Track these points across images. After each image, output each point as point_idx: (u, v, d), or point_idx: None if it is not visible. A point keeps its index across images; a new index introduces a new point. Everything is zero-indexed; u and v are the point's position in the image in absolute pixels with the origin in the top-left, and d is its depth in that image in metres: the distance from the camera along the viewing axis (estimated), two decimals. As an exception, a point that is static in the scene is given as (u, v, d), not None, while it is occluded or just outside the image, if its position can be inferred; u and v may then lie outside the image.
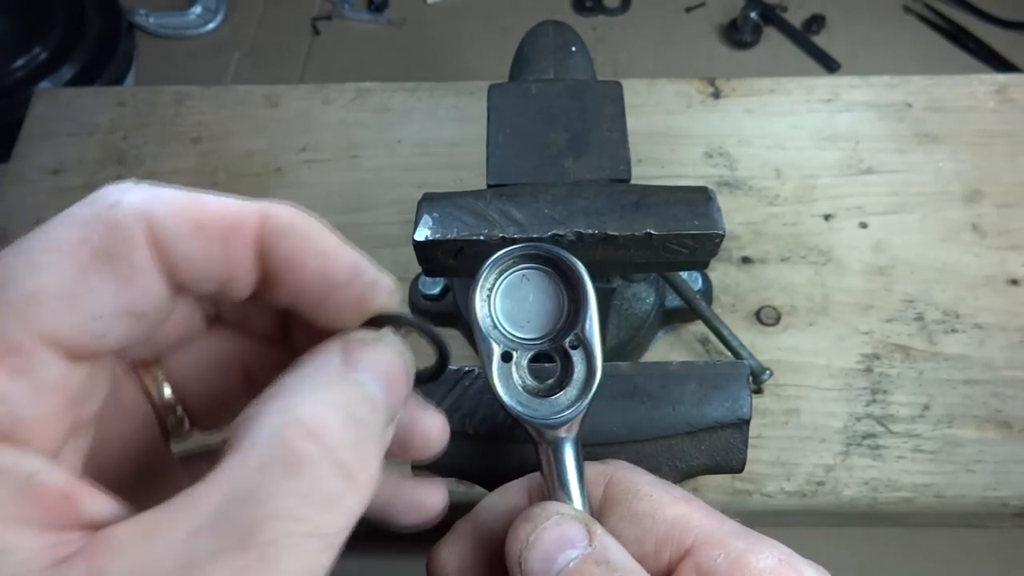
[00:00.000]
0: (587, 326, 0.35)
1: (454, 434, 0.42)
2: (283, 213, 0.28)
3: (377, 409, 0.27)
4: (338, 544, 0.25)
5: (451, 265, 0.47)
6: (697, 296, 0.72)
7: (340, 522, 0.24)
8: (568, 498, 0.34)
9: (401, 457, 0.32)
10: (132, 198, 0.26)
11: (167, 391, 0.33)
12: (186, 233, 0.26)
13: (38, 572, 0.21)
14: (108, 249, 0.25)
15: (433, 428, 0.33)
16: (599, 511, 0.35)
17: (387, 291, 0.30)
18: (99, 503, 0.24)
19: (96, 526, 0.23)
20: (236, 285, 0.28)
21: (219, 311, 0.33)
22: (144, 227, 0.25)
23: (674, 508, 0.34)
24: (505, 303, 0.36)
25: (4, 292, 0.24)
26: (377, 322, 0.29)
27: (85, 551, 0.22)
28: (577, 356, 0.35)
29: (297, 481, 0.23)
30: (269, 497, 0.23)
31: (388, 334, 0.29)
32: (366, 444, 0.26)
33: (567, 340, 0.35)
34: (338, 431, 0.25)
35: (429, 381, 0.32)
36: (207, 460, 0.25)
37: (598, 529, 0.33)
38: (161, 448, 0.34)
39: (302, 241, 0.28)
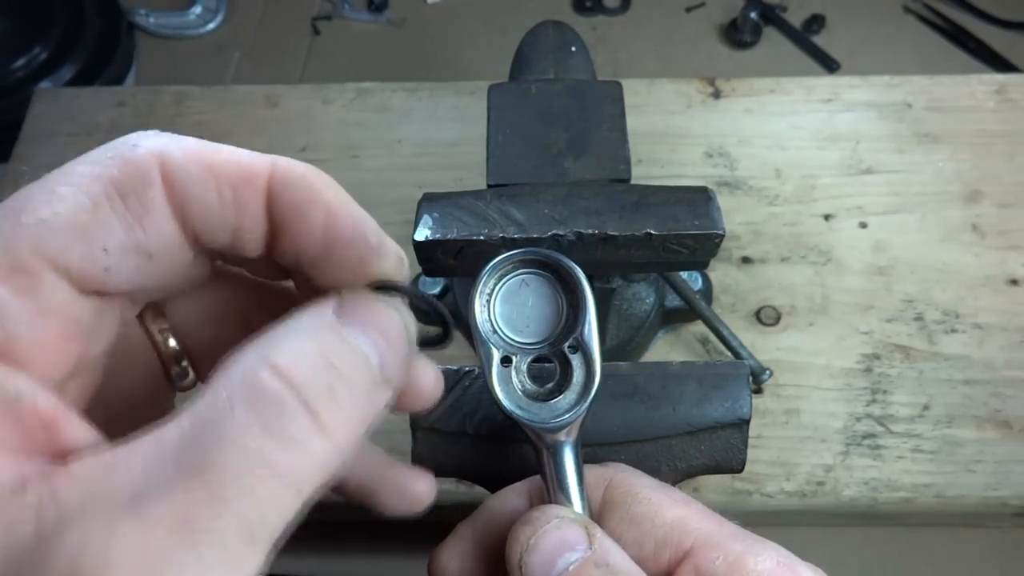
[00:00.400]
0: (586, 330, 0.35)
1: (454, 434, 0.42)
2: (294, 166, 0.28)
3: (365, 366, 0.26)
4: (303, 494, 0.23)
5: (451, 265, 0.47)
6: (697, 296, 0.72)
7: (304, 467, 0.23)
8: (568, 501, 0.34)
9: (396, 407, 0.31)
10: (150, 142, 0.27)
11: (172, 342, 0.33)
12: (199, 176, 0.26)
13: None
14: (123, 185, 0.25)
15: (425, 378, 0.32)
16: (599, 514, 0.35)
17: (393, 257, 0.29)
18: (82, 435, 0.24)
19: (71, 454, 0.23)
20: (247, 238, 0.28)
21: (227, 265, 0.33)
22: (159, 168, 0.26)
23: (673, 511, 0.34)
24: (504, 308, 0.36)
25: (19, 216, 0.25)
26: (378, 289, 0.29)
27: (45, 477, 0.22)
28: (576, 360, 0.35)
29: (259, 416, 0.23)
30: (229, 431, 0.22)
31: (389, 296, 0.28)
32: (345, 396, 0.25)
33: (566, 344, 0.35)
34: (312, 375, 0.24)
35: (433, 347, 0.32)
36: None
37: (598, 532, 0.33)
38: (165, 399, 0.34)
39: (309, 194, 0.28)
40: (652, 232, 0.46)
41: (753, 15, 1.32)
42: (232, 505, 0.21)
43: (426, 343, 0.31)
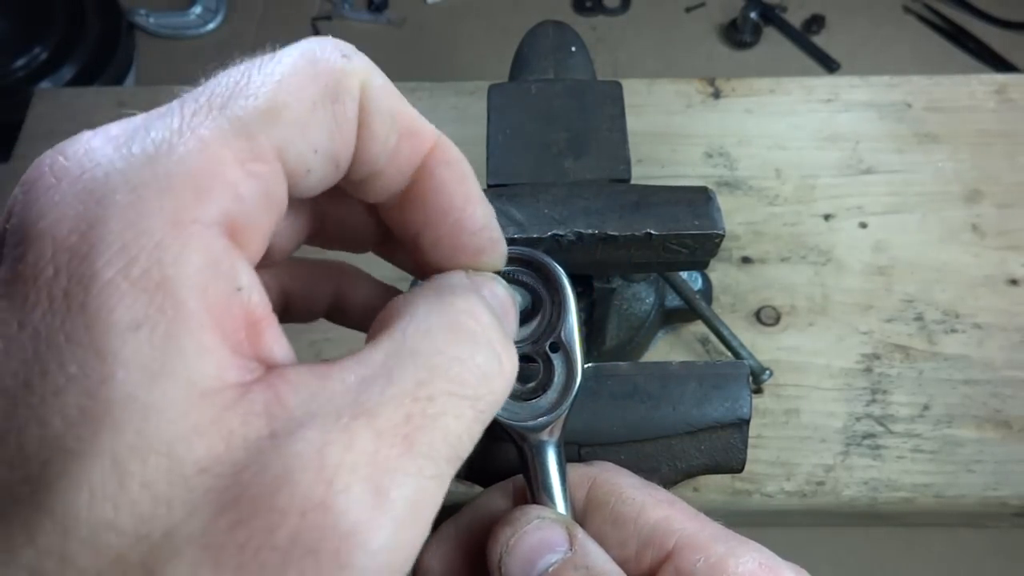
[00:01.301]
0: (567, 330, 0.35)
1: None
2: (453, 147, 0.29)
3: (503, 328, 0.28)
4: (484, 423, 0.26)
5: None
6: (697, 296, 0.72)
7: (491, 399, 0.26)
8: (550, 501, 0.34)
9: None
10: (359, 60, 0.27)
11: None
12: (385, 113, 0.27)
13: (223, 391, 0.21)
14: (335, 92, 0.26)
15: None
16: (582, 514, 0.35)
17: (501, 254, 0.31)
18: (281, 342, 0.24)
19: (271, 364, 0.23)
20: (388, 184, 0.29)
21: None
22: (360, 89, 0.26)
23: (657, 511, 0.34)
24: None
25: (248, 100, 0.24)
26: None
27: (265, 381, 0.22)
28: (557, 360, 0.35)
29: (462, 347, 0.25)
30: (437, 356, 0.24)
31: (500, 278, 0.32)
32: (509, 344, 0.28)
33: (547, 344, 0.35)
34: (490, 319, 0.27)
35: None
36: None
37: (579, 533, 0.33)
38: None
39: (460, 178, 0.29)
40: (652, 232, 0.46)
41: (753, 15, 1.32)
42: (441, 424, 0.24)
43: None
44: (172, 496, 0.20)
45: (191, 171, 0.22)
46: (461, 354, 0.25)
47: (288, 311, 0.35)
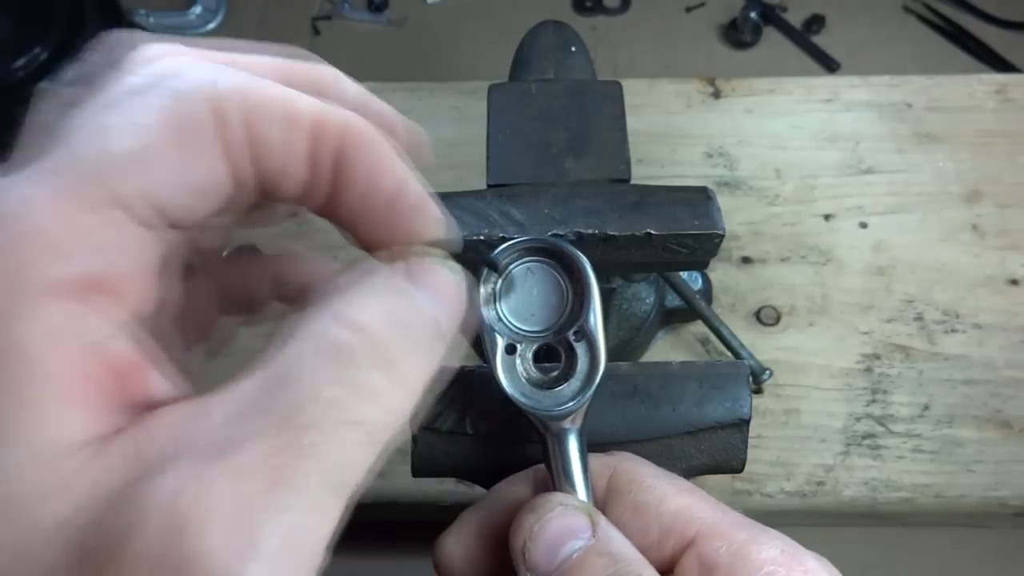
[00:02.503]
0: (591, 319, 0.35)
1: (453, 434, 0.42)
2: (339, 116, 0.27)
3: (432, 325, 0.27)
4: (380, 444, 0.24)
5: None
6: (697, 296, 0.72)
7: (382, 417, 0.24)
8: (572, 489, 0.34)
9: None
10: (196, 74, 0.25)
11: None
12: (254, 118, 0.25)
13: (82, 448, 0.21)
14: (176, 121, 0.24)
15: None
16: (603, 502, 0.35)
17: (439, 228, 0.30)
18: (161, 383, 0.24)
19: (149, 405, 0.23)
20: (288, 185, 0.27)
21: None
22: (209, 105, 0.25)
23: (678, 499, 0.34)
24: (510, 296, 0.36)
25: (108, 143, 0.23)
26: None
27: (132, 428, 0.22)
28: (581, 348, 0.35)
29: (339, 368, 0.23)
30: (310, 382, 0.23)
31: (449, 258, 0.30)
32: (415, 349, 0.26)
33: (570, 332, 0.35)
34: (385, 330, 0.25)
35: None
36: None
37: (601, 520, 0.33)
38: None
39: (374, 158, 0.28)
40: (652, 232, 0.46)
41: (753, 15, 1.32)
42: (315, 454, 0.22)
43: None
44: (31, 552, 0.20)
45: (28, 234, 0.21)
46: (337, 375, 0.23)
47: (233, 309, 0.34)
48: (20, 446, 0.20)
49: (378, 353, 0.24)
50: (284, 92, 0.26)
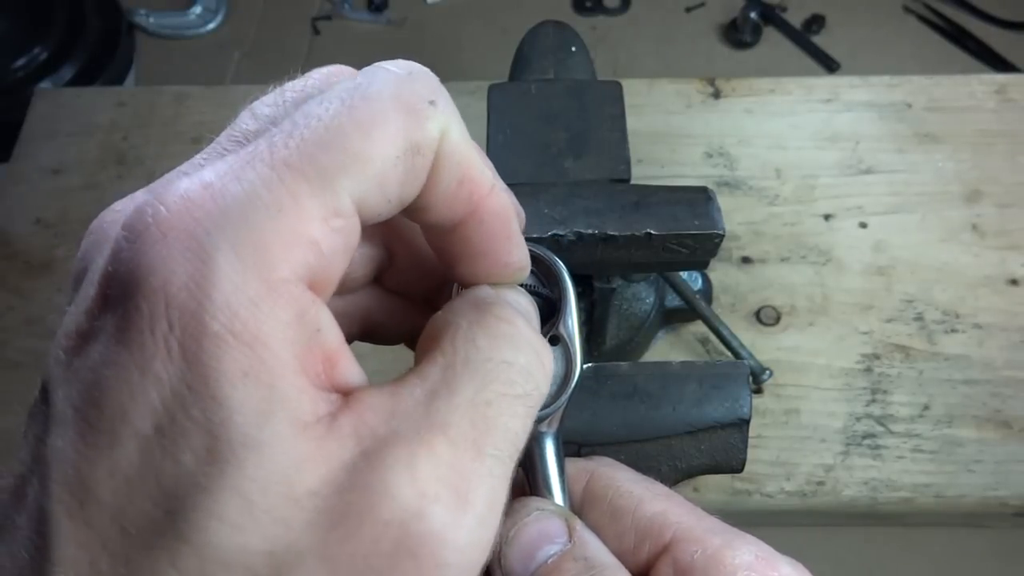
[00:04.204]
0: (567, 322, 0.35)
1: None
2: (505, 197, 0.30)
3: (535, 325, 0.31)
4: (533, 417, 0.28)
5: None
6: (697, 296, 0.72)
7: (537, 394, 0.28)
8: (549, 493, 0.34)
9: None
10: (443, 108, 0.28)
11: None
12: (454, 162, 0.28)
13: (317, 423, 0.24)
14: (418, 147, 0.27)
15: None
16: (580, 507, 0.36)
17: (525, 276, 0.33)
18: (353, 369, 0.26)
19: (347, 390, 0.26)
20: (436, 219, 0.29)
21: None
22: (439, 143, 0.27)
23: (654, 504, 0.34)
24: None
25: (336, 153, 0.25)
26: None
27: (347, 407, 0.25)
28: (557, 352, 0.35)
29: (506, 351, 0.27)
30: (487, 363, 0.27)
31: (519, 288, 0.33)
32: (541, 337, 0.30)
33: (548, 337, 0.35)
34: (524, 322, 0.29)
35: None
36: None
37: (577, 524, 0.33)
38: None
39: (505, 227, 0.31)
40: (652, 232, 0.46)
41: (753, 15, 1.32)
42: (501, 425, 0.26)
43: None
44: (290, 517, 0.23)
45: (281, 231, 0.24)
46: (507, 357, 0.27)
47: (372, 331, 0.36)
48: (274, 423, 0.23)
49: (529, 341, 0.29)
50: (467, 138, 0.29)
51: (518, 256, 0.32)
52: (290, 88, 0.29)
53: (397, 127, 0.26)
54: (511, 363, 0.27)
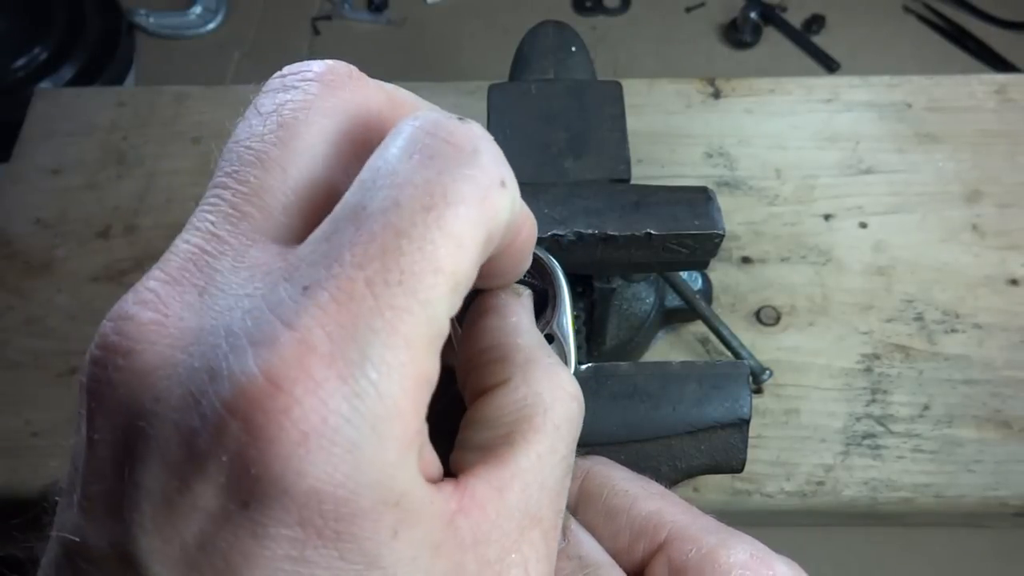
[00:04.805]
0: (562, 321, 0.35)
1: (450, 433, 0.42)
2: (529, 221, 0.30)
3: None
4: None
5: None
6: (697, 296, 0.72)
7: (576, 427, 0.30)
8: None
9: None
10: (511, 189, 0.27)
11: None
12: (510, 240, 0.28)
13: (442, 527, 0.24)
14: (493, 239, 0.26)
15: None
16: (575, 505, 0.36)
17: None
18: (433, 455, 0.26)
19: (434, 478, 0.26)
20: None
21: None
22: (502, 234, 0.26)
23: (649, 503, 0.34)
24: None
25: (435, 278, 0.23)
26: None
27: (464, 507, 0.25)
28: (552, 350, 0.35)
29: (571, 435, 0.29)
30: (556, 456, 0.28)
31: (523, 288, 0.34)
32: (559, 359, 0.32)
33: (543, 335, 0.35)
34: (549, 351, 0.31)
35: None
36: None
37: (572, 523, 0.33)
38: None
39: (525, 249, 0.30)
40: (652, 232, 0.46)
41: (753, 15, 1.32)
42: (562, 496, 0.29)
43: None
44: None
45: (406, 385, 0.23)
46: (571, 439, 0.29)
47: None
48: (420, 562, 0.24)
49: (562, 376, 0.30)
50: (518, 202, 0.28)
51: (527, 264, 0.32)
52: (269, 108, 0.27)
53: (481, 228, 0.24)
54: (574, 442, 0.29)
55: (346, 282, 0.22)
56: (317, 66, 0.28)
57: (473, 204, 0.24)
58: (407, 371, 0.22)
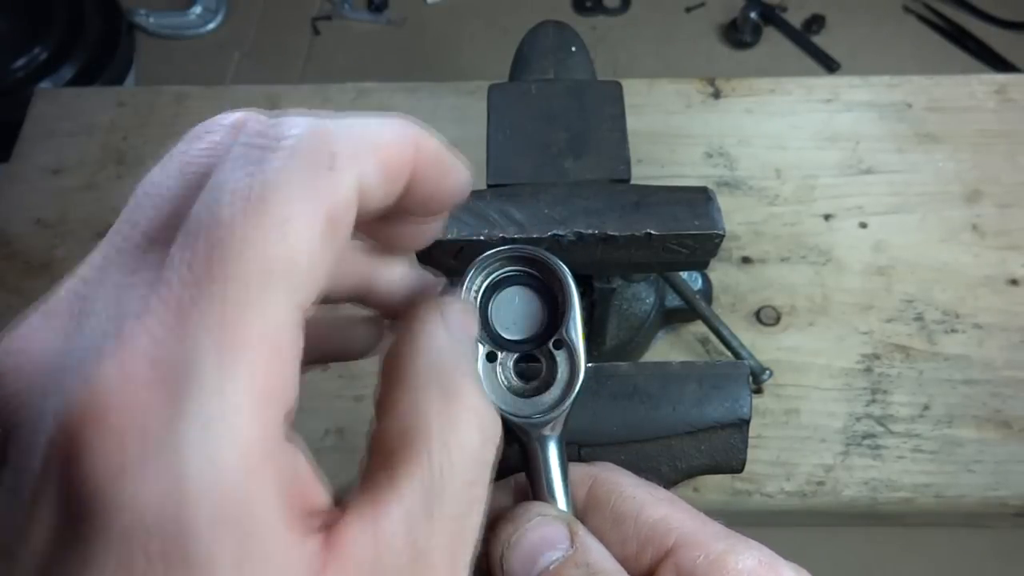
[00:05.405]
0: (571, 328, 0.35)
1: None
2: (432, 147, 0.28)
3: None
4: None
5: (451, 265, 0.47)
6: (697, 296, 0.72)
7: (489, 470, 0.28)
8: (552, 498, 0.34)
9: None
10: (353, 166, 0.25)
11: None
12: (384, 189, 0.26)
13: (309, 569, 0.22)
14: (333, 219, 0.24)
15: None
16: (583, 512, 0.35)
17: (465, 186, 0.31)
18: (320, 490, 0.25)
19: (319, 518, 0.24)
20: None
21: None
22: (358, 197, 0.25)
23: (657, 510, 0.34)
24: (490, 305, 0.36)
25: (268, 265, 0.22)
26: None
27: (335, 560, 0.23)
28: (561, 357, 0.35)
29: (478, 463, 0.27)
30: (460, 481, 0.26)
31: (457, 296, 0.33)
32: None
33: (551, 341, 0.35)
34: (480, 397, 0.28)
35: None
36: None
37: (580, 530, 0.33)
38: None
39: (443, 175, 0.29)
40: (652, 232, 0.46)
41: (753, 15, 1.32)
42: (471, 529, 0.27)
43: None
44: None
45: (241, 395, 0.22)
46: (478, 472, 0.27)
47: (336, 354, 0.35)
48: None
49: (491, 431, 0.28)
50: (395, 139, 0.27)
51: (455, 180, 0.30)
52: (182, 157, 0.27)
53: (304, 213, 0.23)
54: (485, 467, 0.27)
55: (168, 295, 0.22)
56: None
57: (294, 190, 0.23)
58: (240, 385, 0.21)
